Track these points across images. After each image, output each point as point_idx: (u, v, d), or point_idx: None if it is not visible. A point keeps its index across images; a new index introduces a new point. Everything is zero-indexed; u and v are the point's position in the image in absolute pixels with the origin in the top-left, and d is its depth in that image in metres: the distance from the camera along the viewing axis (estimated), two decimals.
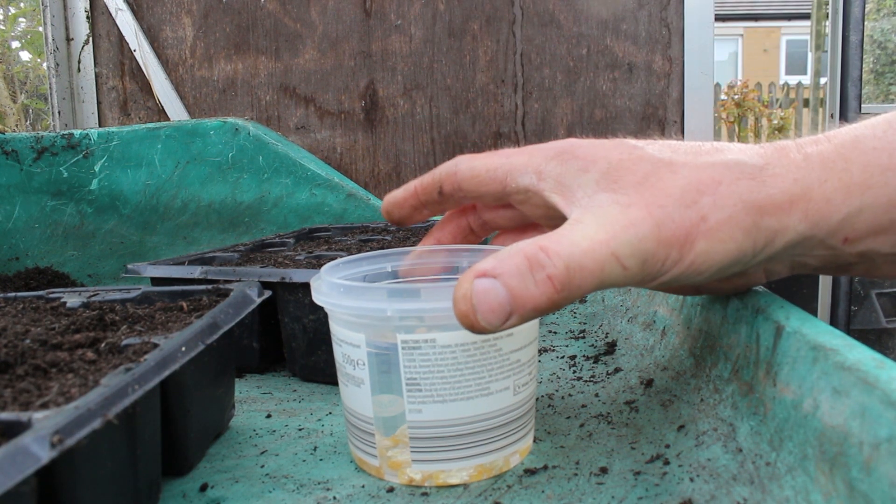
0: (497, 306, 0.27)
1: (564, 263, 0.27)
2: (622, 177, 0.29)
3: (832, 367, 0.24)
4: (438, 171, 0.36)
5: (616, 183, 0.29)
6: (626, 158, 0.30)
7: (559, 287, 0.27)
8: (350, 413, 0.33)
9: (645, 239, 0.28)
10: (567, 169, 0.31)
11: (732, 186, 0.28)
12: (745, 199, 0.28)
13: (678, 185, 0.29)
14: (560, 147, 0.32)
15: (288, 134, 1.26)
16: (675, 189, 0.28)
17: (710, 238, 0.28)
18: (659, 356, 0.42)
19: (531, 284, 0.27)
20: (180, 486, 0.33)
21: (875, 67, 5.02)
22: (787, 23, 10.33)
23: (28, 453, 0.20)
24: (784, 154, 0.30)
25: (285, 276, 0.48)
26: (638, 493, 0.29)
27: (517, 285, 0.27)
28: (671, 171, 0.29)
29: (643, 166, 0.29)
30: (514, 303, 0.27)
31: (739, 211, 0.28)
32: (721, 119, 5.23)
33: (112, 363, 0.29)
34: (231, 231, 0.92)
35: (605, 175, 0.30)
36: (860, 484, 0.20)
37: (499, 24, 1.22)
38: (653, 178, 0.29)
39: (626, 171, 0.30)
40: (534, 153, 0.33)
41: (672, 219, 0.28)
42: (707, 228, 0.28)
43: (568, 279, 0.27)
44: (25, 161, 0.91)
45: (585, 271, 0.27)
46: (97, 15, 1.28)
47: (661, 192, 0.29)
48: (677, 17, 1.20)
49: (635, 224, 0.28)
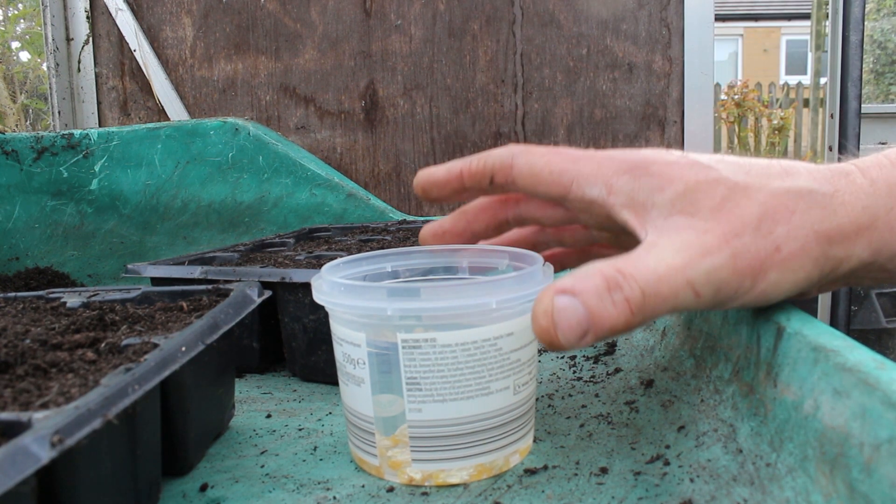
0: (576, 324, 0.27)
1: (641, 288, 0.27)
2: (699, 200, 0.29)
3: (833, 369, 0.24)
4: (490, 159, 0.35)
5: (692, 206, 0.29)
6: (702, 180, 0.30)
7: (635, 310, 0.27)
8: (350, 412, 0.33)
9: (721, 268, 0.28)
10: (641, 186, 0.31)
11: (805, 216, 0.29)
12: (816, 229, 0.29)
13: (754, 213, 0.29)
14: (632, 161, 0.31)
15: (288, 134, 1.26)
16: (751, 217, 0.29)
17: (782, 269, 0.28)
18: (659, 357, 0.42)
19: (609, 305, 0.27)
20: (180, 486, 0.33)
21: (875, 67, 5.02)
22: (787, 23, 10.33)
23: (28, 453, 0.20)
24: (850, 180, 0.30)
25: (285, 276, 0.48)
26: (638, 494, 0.29)
27: (596, 305, 0.27)
28: (747, 196, 0.29)
29: (719, 190, 0.29)
30: (592, 321, 0.27)
31: (811, 241, 0.29)
32: (721, 119, 5.23)
33: (112, 363, 0.29)
34: (231, 231, 0.92)
35: (681, 197, 0.30)
36: (861, 485, 0.20)
37: (499, 24, 1.22)
38: (730, 204, 0.29)
39: (703, 194, 0.29)
40: (603, 163, 0.32)
41: (748, 249, 0.28)
42: (780, 259, 0.28)
43: (643, 303, 0.27)
44: (25, 161, 0.91)
45: (660, 297, 0.28)
46: (97, 15, 1.28)
47: (738, 220, 0.29)
48: (677, 17, 1.20)
49: (712, 252, 0.28)
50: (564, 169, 0.33)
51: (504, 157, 0.35)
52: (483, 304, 0.30)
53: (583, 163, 0.33)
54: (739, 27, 10.44)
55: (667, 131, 1.22)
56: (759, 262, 0.28)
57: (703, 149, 1.21)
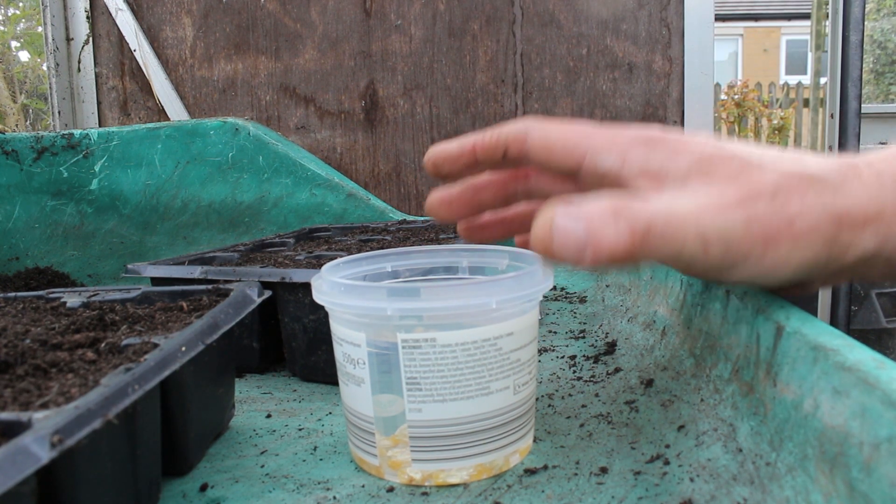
0: (574, 238, 0.27)
1: (647, 221, 0.27)
2: (715, 169, 0.29)
3: (832, 368, 0.24)
4: (503, 132, 0.35)
5: (708, 173, 0.29)
6: (716, 154, 0.30)
7: (637, 240, 0.27)
8: (350, 412, 0.33)
9: (734, 228, 0.28)
10: (656, 156, 0.31)
11: (818, 197, 0.29)
12: (828, 210, 0.29)
13: (770, 185, 0.29)
14: (647, 134, 0.31)
15: (288, 134, 1.26)
16: (767, 188, 0.29)
17: (793, 243, 0.29)
18: (659, 356, 0.42)
19: (612, 228, 0.27)
20: (180, 486, 0.33)
21: (875, 67, 5.01)
22: (787, 23, 10.32)
23: (28, 453, 0.20)
24: (857, 172, 0.30)
25: (285, 276, 0.48)
26: (638, 493, 0.29)
27: (598, 226, 0.27)
28: (761, 171, 0.29)
29: (735, 163, 0.30)
30: (592, 240, 0.27)
31: (823, 221, 0.29)
32: (721, 119, 5.23)
33: (112, 363, 0.29)
34: (231, 231, 0.92)
35: (697, 163, 0.30)
36: (860, 484, 0.20)
37: (499, 24, 1.22)
38: (745, 175, 0.29)
39: (720, 163, 0.30)
40: (618, 135, 0.32)
41: (763, 215, 0.28)
42: (793, 233, 0.29)
43: (646, 236, 0.27)
44: (25, 161, 0.91)
45: (665, 237, 0.27)
46: (97, 15, 1.28)
47: (755, 189, 0.29)
48: (677, 17, 1.20)
49: (727, 211, 0.28)
50: (579, 141, 0.33)
51: (518, 130, 0.34)
52: (483, 304, 0.30)
53: (597, 135, 0.32)
54: (739, 27, 10.44)
55: None
56: (772, 231, 0.28)
57: None
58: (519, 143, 0.34)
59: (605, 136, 0.32)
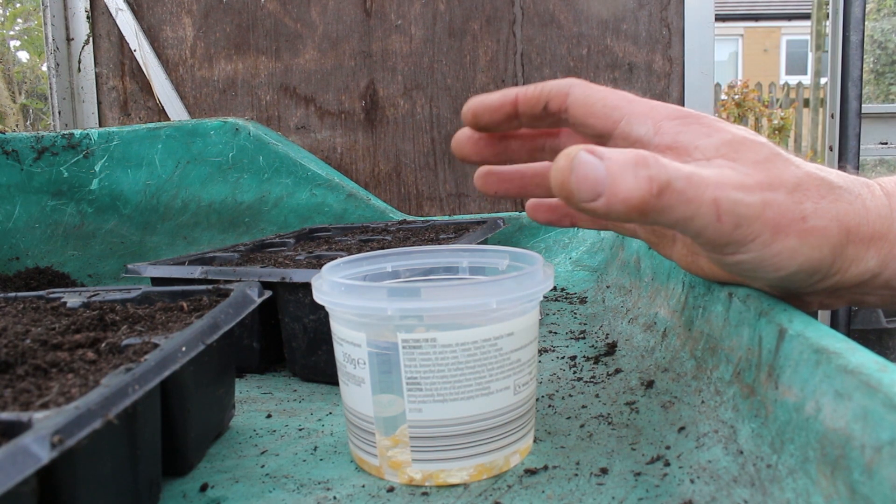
0: (592, 179, 0.27)
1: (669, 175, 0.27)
2: (743, 151, 0.30)
3: (835, 371, 0.24)
4: (546, 86, 0.35)
5: (736, 154, 0.30)
6: (748, 138, 0.31)
7: (655, 191, 0.27)
8: (350, 412, 0.33)
9: (750, 206, 0.28)
10: (689, 130, 0.31)
11: (833, 204, 0.30)
12: (840, 218, 0.30)
13: (792, 179, 0.30)
14: (685, 111, 0.32)
15: (288, 134, 1.26)
16: (789, 181, 0.29)
17: (803, 238, 0.29)
18: (660, 358, 0.42)
19: (630, 176, 0.27)
20: (180, 486, 0.33)
21: (875, 67, 5.01)
22: (787, 23, 10.32)
23: (28, 453, 0.20)
24: (871, 191, 0.31)
25: (285, 276, 0.47)
26: (638, 494, 0.29)
27: (618, 171, 0.27)
28: (787, 165, 0.30)
29: (764, 150, 0.30)
30: (609, 184, 0.27)
31: (833, 226, 0.30)
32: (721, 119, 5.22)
33: (112, 363, 0.29)
34: (231, 231, 0.91)
35: (726, 144, 0.30)
36: (862, 487, 0.20)
37: (499, 24, 1.22)
38: (770, 164, 0.30)
39: (748, 148, 0.30)
40: (656, 107, 0.33)
41: (779, 204, 0.29)
42: (804, 228, 0.29)
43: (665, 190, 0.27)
44: (26, 161, 0.90)
45: (684, 196, 0.27)
46: (97, 15, 1.28)
47: (777, 178, 0.29)
48: (677, 17, 1.20)
49: (745, 190, 0.29)
50: (618, 105, 0.33)
51: (561, 86, 0.35)
52: (483, 304, 0.30)
53: (637, 104, 0.33)
54: (739, 27, 10.44)
55: None
56: (785, 221, 0.29)
57: None
58: (560, 98, 0.35)
59: (644, 105, 0.33)
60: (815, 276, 0.31)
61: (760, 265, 0.30)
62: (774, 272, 0.30)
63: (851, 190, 0.31)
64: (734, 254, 0.30)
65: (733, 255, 0.30)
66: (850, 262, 0.30)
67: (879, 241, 0.30)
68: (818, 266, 0.30)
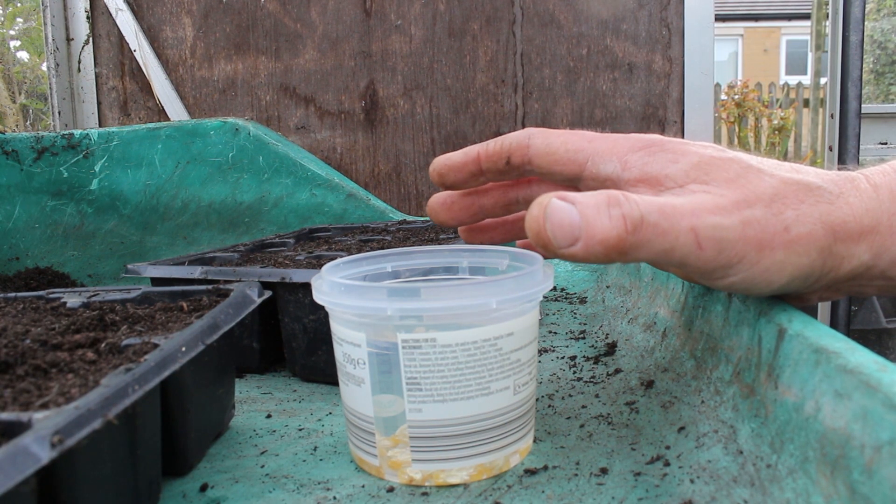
0: (568, 225, 0.27)
1: (641, 211, 0.27)
2: (713, 172, 0.30)
3: (834, 370, 0.24)
4: (507, 140, 0.35)
5: (707, 175, 0.30)
6: (716, 157, 0.30)
7: (630, 229, 0.27)
8: (350, 412, 0.33)
9: (729, 229, 0.28)
10: (655, 160, 0.31)
11: (814, 207, 0.29)
12: (824, 220, 0.29)
13: (768, 190, 0.29)
14: (648, 139, 0.32)
15: (288, 134, 1.26)
16: (765, 193, 0.29)
17: (788, 249, 0.29)
18: (660, 357, 0.42)
19: (604, 217, 0.27)
20: (180, 486, 0.33)
21: (875, 67, 5.01)
22: (787, 23, 10.32)
23: (28, 453, 0.20)
24: (855, 185, 0.31)
25: (285, 276, 0.48)
26: (638, 494, 0.29)
27: (591, 214, 0.27)
28: (760, 176, 0.30)
29: (734, 167, 0.30)
30: (585, 227, 0.27)
31: (818, 230, 0.29)
32: (721, 119, 5.22)
33: (112, 363, 0.29)
34: (231, 231, 0.92)
35: (695, 167, 0.30)
36: (862, 486, 0.20)
37: (499, 24, 1.22)
38: (743, 180, 0.29)
39: (718, 167, 0.30)
40: (618, 141, 0.33)
41: (759, 220, 0.28)
42: (788, 239, 0.29)
43: (640, 226, 0.27)
44: (26, 161, 0.91)
45: (659, 229, 0.27)
46: (97, 15, 1.28)
47: (752, 193, 0.29)
48: (677, 17, 1.20)
49: (722, 212, 0.28)
50: (580, 147, 0.33)
51: (521, 137, 0.35)
52: (483, 304, 0.30)
53: (598, 142, 0.33)
54: (739, 27, 10.44)
55: (667, 131, 1.22)
56: (767, 237, 0.28)
57: None
58: (522, 150, 0.35)
59: (606, 142, 0.33)
60: (809, 280, 0.30)
61: (752, 283, 0.29)
62: (767, 287, 0.30)
63: (832, 189, 0.30)
64: (723, 278, 0.29)
65: (723, 280, 0.30)
66: (841, 259, 0.30)
67: (869, 234, 0.30)
68: (809, 271, 0.30)
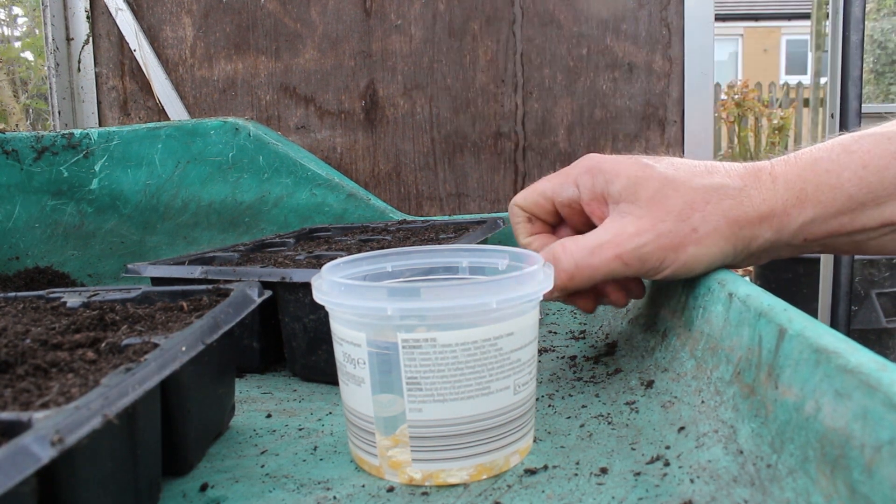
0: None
1: (575, 261, 0.39)
2: (638, 191, 0.38)
3: (834, 370, 0.24)
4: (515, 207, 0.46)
5: (634, 195, 0.38)
6: (641, 175, 0.39)
7: (568, 278, 0.39)
8: (350, 412, 0.33)
9: (646, 245, 0.38)
10: (597, 181, 0.40)
11: (717, 205, 0.37)
12: (726, 215, 0.37)
13: (678, 203, 0.38)
14: (588, 164, 0.41)
15: (288, 134, 1.26)
16: (675, 207, 0.37)
17: (699, 245, 0.38)
18: (660, 357, 0.42)
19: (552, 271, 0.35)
20: (180, 486, 0.33)
21: (875, 67, 5.01)
22: (787, 23, 10.31)
23: (28, 453, 0.20)
24: (758, 177, 0.38)
25: (285, 275, 0.47)
26: (638, 494, 0.29)
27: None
28: (674, 189, 0.38)
29: (653, 184, 0.38)
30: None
31: (722, 224, 0.37)
32: (721, 119, 5.22)
33: (112, 363, 0.29)
34: (231, 231, 0.91)
35: (626, 188, 0.39)
36: (862, 486, 0.20)
37: (499, 24, 1.22)
38: (660, 196, 0.38)
39: (642, 186, 0.38)
40: (569, 171, 0.42)
41: (670, 231, 0.37)
42: (697, 237, 0.37)
43: (576, 272, 0.39)
44: (26, 160, 0.90)
45: (591, 267, 0.39)
46: (97, 15, 1.28)
47: (664, 210, 0.38)
48: (677, 17, 1.20)
49: (641, 234, 0.38)
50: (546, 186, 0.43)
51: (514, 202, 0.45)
52: (483, 304, 0.30)
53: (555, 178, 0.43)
54: (739, 27, 10.43)
55: (667, 131, 1.22)
56: (678, 241, 0.37)
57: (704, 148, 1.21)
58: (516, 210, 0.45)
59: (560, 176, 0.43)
60: (727, 260, 0.39)
61: (679, 274, 0.39)
62: (693, 273, 0.39)
63: (736, 184, 0.38)
64: (656, 275, 0.39)
65: (657, 276, 0.39)
66: (748, 240, 0.38)
67: (768, 218, 0.37)
68: (723, 255, 0.38)
